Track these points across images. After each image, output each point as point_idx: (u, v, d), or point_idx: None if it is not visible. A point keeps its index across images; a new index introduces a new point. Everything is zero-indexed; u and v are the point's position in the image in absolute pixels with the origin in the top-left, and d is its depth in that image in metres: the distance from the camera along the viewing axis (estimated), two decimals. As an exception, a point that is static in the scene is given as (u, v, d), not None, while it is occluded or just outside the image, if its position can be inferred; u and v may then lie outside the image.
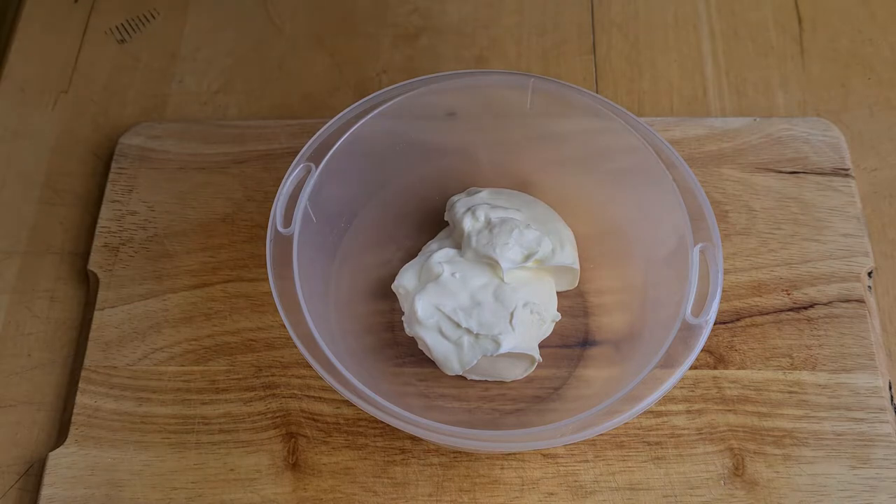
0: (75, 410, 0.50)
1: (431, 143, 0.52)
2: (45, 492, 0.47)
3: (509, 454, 0.48)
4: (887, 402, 0.49)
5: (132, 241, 0.55)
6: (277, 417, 0.49)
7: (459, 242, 0.50)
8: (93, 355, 0.51)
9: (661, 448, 0.48)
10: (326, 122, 0.48)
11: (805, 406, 0.49)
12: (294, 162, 0.47)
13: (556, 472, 0.47)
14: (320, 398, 0.50)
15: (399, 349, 0.51)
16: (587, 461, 0.48)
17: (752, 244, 0.53)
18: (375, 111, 0.48)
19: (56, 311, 0.54)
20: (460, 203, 0.51)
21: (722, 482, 0.47)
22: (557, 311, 0.50)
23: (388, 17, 0.64)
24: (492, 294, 0.47)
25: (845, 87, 0.60)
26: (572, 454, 0.48)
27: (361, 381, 0.41)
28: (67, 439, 0.49)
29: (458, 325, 0.47)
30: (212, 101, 0.61)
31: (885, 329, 0.52)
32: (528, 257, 0.48)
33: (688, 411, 0.49)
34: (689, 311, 0.42)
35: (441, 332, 0.47)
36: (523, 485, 0.47)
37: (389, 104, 0.48)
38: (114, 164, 0.57)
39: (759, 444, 0.48)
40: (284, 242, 0.45)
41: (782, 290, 0.52)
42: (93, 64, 0.63)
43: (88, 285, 0.55)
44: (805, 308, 0.51)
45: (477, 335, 0.46)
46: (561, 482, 0.47)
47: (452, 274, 0.48)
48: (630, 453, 0.48)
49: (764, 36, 0.63)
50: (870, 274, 0.53)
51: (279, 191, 0.46)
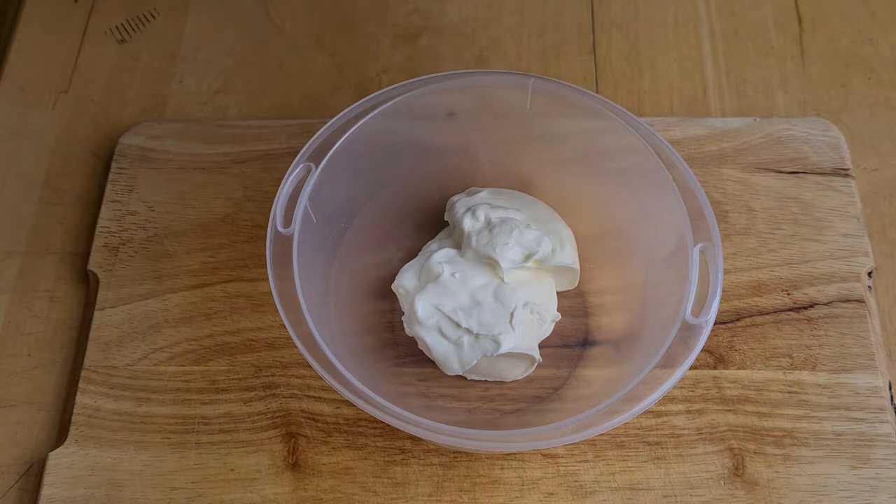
0: (75, 410, 0.50)
1: (431, 143, 0.52)
2: (45, 492, 0.47)
3: (509, 454, 0.48)
4: (887, 402, 0.49)
5: (132, 241, 0.55)
6: (277, 417, 0.49)
7: (459, 242, 0.50)
8: (93, 355, 0.51)
9: (661, 448, 0.48)
10: (326, 122, 0.48)
11: (805, 406, 0.49)
12: (294, 162, 0.47)
13: (556, 472, 0.47)
14: (320, 398, 0.50)
15: (399, 349, 0.51)
16: (587, 461, 0.48)
17: (752, 244, 0.53)
18: (375, 111, 0.48)
19: (56, 311, 0.54)
20: (460, 203, 0.51)
21: (722, 482, 0.47)
22: (557, 311, 0.49)
23: (388, 17, 0.64)
24: (492, 294, 0.47)
25: (845, 87, 0.60)
26: (572, 454, 0.48)
27: (361, 381, 0.41)
28: (67, 439, 0.49)
29: (458, 325, 0.47)
30: (212, 101, 0.61)
31: (885, 329, 0.52)
32: (528, 257, 0.48)
33: (688, 411, 0.49)
34: (689, 311, 0.42)
35: (441, 332, 0.47)
36: (523, 485, 0.47)
37: (389, 104, 0.48)
38: (114, 164, 0.57)
39: (759, 444, 0.48)
40: (284, 242, 0.45)
41: (782, 290, 0.52)
42: (93, 64, 0.63)
43: (88, 285, 0.55)
44: (805, 308, 0.51)
45: (477, 335, 0.46)
46: (561, 482, 0.47)
47: (452, 274, 0.48)
48: (630, 453, 0.48)
49: (764, 36, 0.63)
50: (870, 274, 0.53)
51: (279, 191, 0.46)
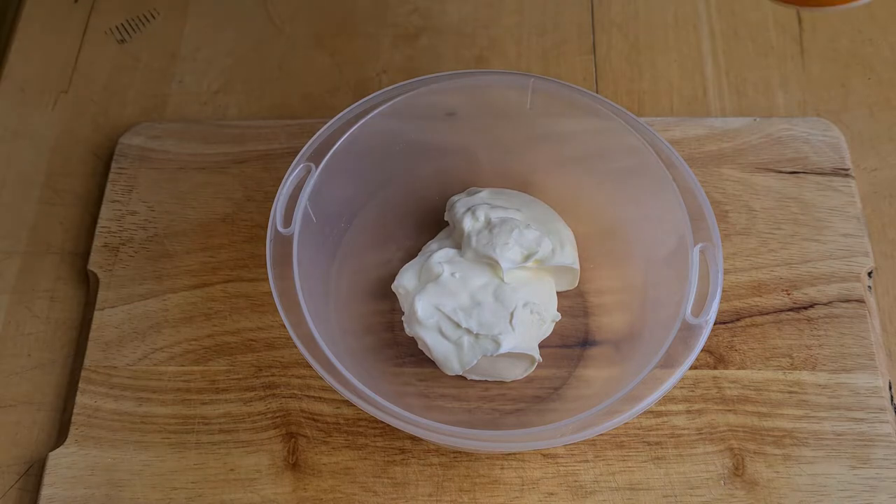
0: (75, 410, 0.50)
1: (431, 143, 0.52)
2: (45, 492, 0.47)
3: (509, 454, 0.48)
4: (887, 402, 0.49)
5: (132, 241, 0.55)
6: (277, 417, 0.49)
7: (459, 242, 0.50)
8: (93, 355, 0.51)
9: (661, 448, 0.48)
10: (326, 122, 0.48)
11: (805, 406, 0.49)
12: (294, 162, 0.47)
13: (556, 472, 0.47)
14: (320, 398, 0.50)
15: (399, 349, 0.51)
16: (587, 461, 0.48)
17: (752, 244, 0.53)
18: (375, 111, 0.48)
19: (56, 311, 0.54)
20: (460, 203, 0.51)
21: (722, 482, 0.47)
22: (557, 311, 0.49)
23: (388, 17, 0.64)
24: (492, 294, 0.47)
25: (845, 87, 0.60)
26: (572, 454, 0.48)
27: (361, 381, 0.41)
28: (67, 439, 0.49)
29: (458, 325, 0.47)
30: (212, 101, 0.61)
31: (885, 329, 0.52)
32: (528, 257, 0.48)
33: (688, 411, 0.49)
34: (689, 311, 0.42)
35: (441, 332, 0.47)
36: (523, 485, 0.47)
37: (389, 104, 0.48)
38: (114, 164, 0.57)
39: (759, 444, 0.48)
40: (284, 242, 0.45)
41: (782, 290, 0.52)
42: (93, 64, 0.63)
43: (88, 285, 0.55)
44: (805, 308, 0.51)
45: (477, 335, 0.46)
46: (561, 482, 0.47)
47: (452, 274, 0.48)
48: (630, 453, 0.48)
49: (764, 36, 0.63)
50: (870, 274, 0.53)
51: (279, 191, 0.46)
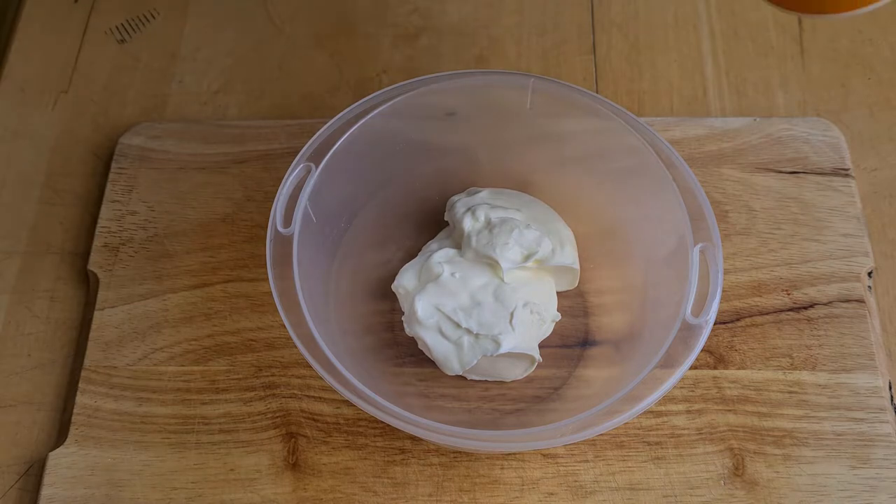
0: (75, 410, 0.50)
1: (431, 143, 0.52)
2: (45, 492, 0.47)
3: (509, 454, 0.48)
4: (887, 402, 0.49)
5: (132, 241, 0.55)
6: (277, 417, 0.49)
7: (459, 242, 0.50)
8: (93, 355, 0.51)
9: (661, 448, 0.48)
10: (326, 122, 0.48)
11: (805, 406, 0.49)
12: (294, 162, 0.47)
13: (556, 472, 0.47)
14: (320, 398, 0.50)
15: (399, 349, 0.51)
16: (587, 461, 0.48)
17: (752, 244, 0.53)
18: (375, 111, 0.48)
19: (56, 311, 0.54)
20: (460, 203, 0.51)
21: (722, 482, 0.47)
22: (557, 311, 0.49)
23: (388, 17, 0.64)
24: (492, 294, 0.47)
25: (845, 87, 0.60)
26: (572, 454, 0.48)
27: (361, 381, 0.41)
28: (67, 439, 0.49)
29: (458, 325, 0.47)
30: (212, 101, 0.61)
31: (885, 329, 0.52)
32: (528, 257, 0.48)
33: (688, 411, 0.49)
34: (689, 311, 0.42)
35: (441, 332, 0.47)
36: (523, 485, 0.47)
37: (389, 104, 0.48)
38: (114, 164, 0.57)
39: (759, 444, 0.48)
40: (284, 242, 0.45)
41: (782, 290, 0.52)
42: (93, 64, 0.63)
43: (88, 285, 0.54)
44: (805, 308, 0.51)
45: (477, 335, 0.46)
46: (561, 482, 0.47)
47: (452, 274, 0.48)
48: (630, 453, 0.48)
49: (764, 36, 0.63)
50: (870, 274, 0.53)
51: (279, 191, 0.46)
